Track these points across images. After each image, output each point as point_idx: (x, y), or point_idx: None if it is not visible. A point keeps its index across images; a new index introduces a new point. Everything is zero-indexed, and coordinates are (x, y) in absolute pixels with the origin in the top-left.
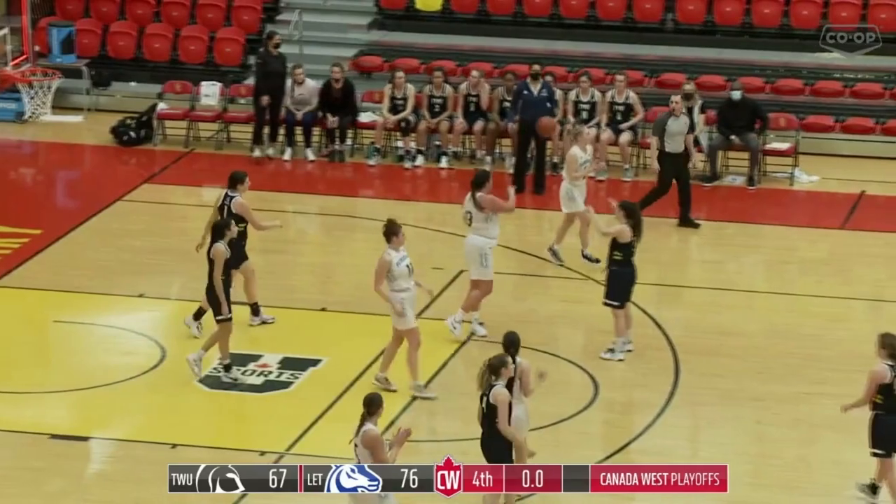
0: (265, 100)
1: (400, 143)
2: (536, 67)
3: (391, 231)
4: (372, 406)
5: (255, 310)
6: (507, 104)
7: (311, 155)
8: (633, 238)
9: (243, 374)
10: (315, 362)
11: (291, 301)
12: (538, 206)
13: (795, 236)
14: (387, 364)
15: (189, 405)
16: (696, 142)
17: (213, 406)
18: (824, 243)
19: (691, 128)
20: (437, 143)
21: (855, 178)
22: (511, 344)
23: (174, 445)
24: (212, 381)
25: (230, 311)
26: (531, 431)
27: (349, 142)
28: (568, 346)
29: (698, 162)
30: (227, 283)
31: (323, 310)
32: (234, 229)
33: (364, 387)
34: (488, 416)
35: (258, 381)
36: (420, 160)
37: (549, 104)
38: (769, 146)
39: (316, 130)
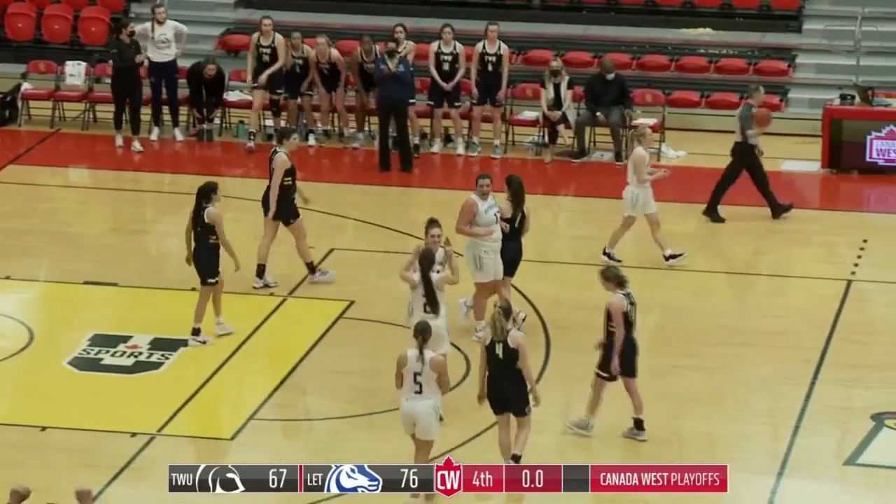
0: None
1: (270, 122)
2: (392, 44)
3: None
4: (426, 333)
5: (311, 268)
6: (370, 67)
7: (179, 135)
8: (515, 213)
9: (112, 355)
10: (186, 342)
11: (161, 281)
12: (404, 184)
13: (663, 211)
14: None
15: (58, 387)
16: (564, 118)
17: (83, 388)
18: (692, 218)
19: (558, 104)
20: (305, 121)
21: (721, 153)
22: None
23: (44, 428)
24: (82, 363)
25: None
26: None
27: (217, 121)
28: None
29: (567, 138)
30: (216, 248)
31: (193, 289)
32: (220, 193)
33: (234, 367)
34: (507, 360)
35: (128, 362)
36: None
37: (406, 79)
38: (636, 122)
39: (183, 110)
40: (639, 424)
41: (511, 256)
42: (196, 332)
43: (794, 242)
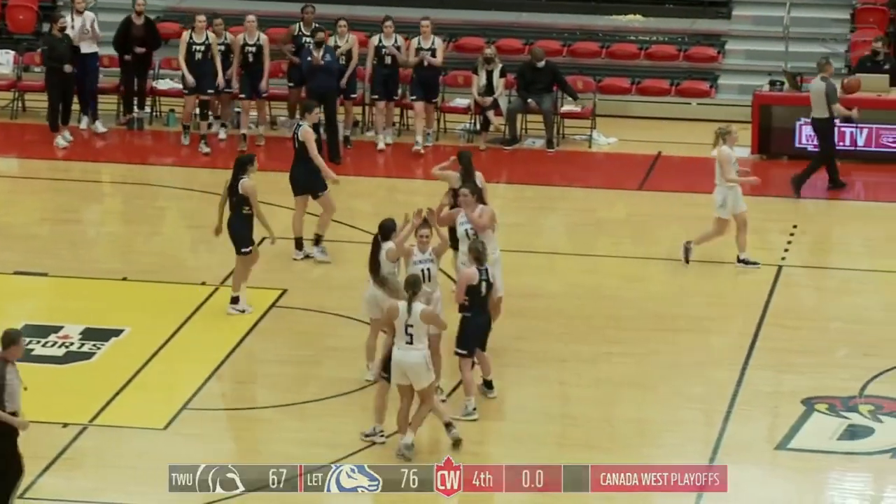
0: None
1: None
2: (321, 35)
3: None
4: (416, 286)
5: (318, 239)
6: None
7: (100, 127)
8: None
9: (44, 345)
10: (117, 332)
11: (92, 271)
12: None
13: (594, 198)
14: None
15: None
16: (495, 104)
17: None
18: (622, 204)
19: (490, 91)
20: (238, 109)
21: (651, 140)
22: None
23: None
24: None
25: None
26: (332, 399)
27: (147, 109)
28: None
29: (500, 126)
30: (249, 217)
31: (124, 279)
32: (256, 164)
33: (166, 357)
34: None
35: (60, 352)
36: (223, 133)
37: (334, 70)
38: (566, 109)
39: (112, 98)
40: (488, 384)
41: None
42: (235, 300)
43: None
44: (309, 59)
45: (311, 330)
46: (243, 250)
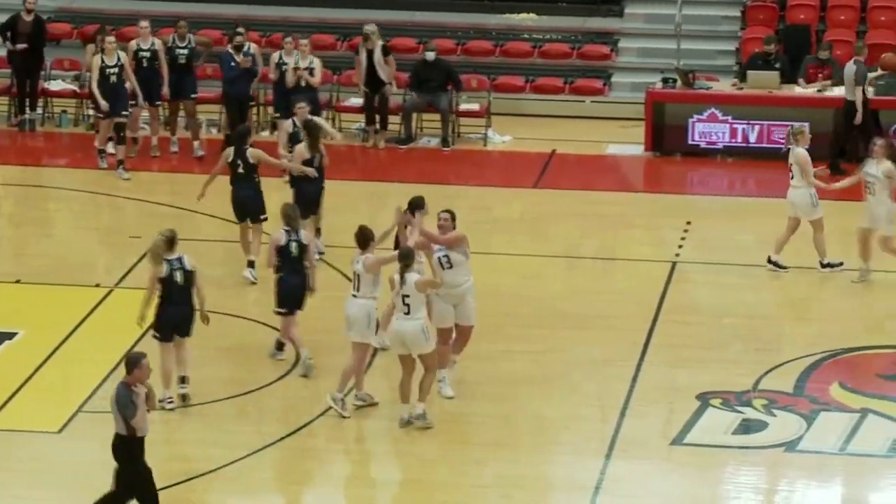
0: None
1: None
2: (239, 39)
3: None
4: (407, 259)
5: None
6: (181, 53)
7: None
8: (312, 154)
9: None
10: (10, 335)
11: None
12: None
13: (490, 196)
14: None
15: None
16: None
17: None
18: (518, 202)
19: (372, 69)
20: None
21: (546, 138)
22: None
23: None
24: None
25: None
26: (231, 399)
27: (39, 110)
28: (264, 311)
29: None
30: (260, 185)
31: (17, 282)
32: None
33: (61, 359)
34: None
35: None
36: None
37: (254, 75)
38: (462, 107)
39: (3, 100)
40: (279, 346)
41: (315, 195)
42: (251, 264)
43: (619, 225)
44: (233, 63)
45: (204, 330)
46: (261, 217)
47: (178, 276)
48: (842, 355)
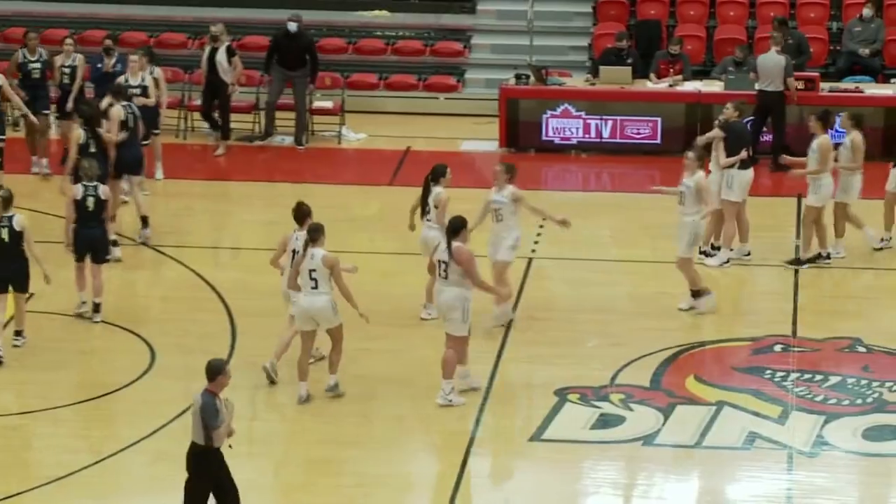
0: None
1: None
2: (108, 42)
3: None
4: (315, 234)
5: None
6: (34, 68)
7: None
8: (88, 139)
9: None
10: None
11: None
12: None
13: (346, 194)
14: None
15: None
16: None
17: None
18: (375, 200)
19: (213, 69)
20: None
21: (400, 135)
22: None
23: None
24: None
25: None
26: (84, 402)
27: None
28: (124, 314)
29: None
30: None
31: None
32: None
33: None
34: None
35: None
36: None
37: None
38: (315, 105)
39: None
40: (96, 308)
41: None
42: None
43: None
44: (100, 65)
45: (58, 333)
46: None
47: (4, 234)
48: (697, 349)
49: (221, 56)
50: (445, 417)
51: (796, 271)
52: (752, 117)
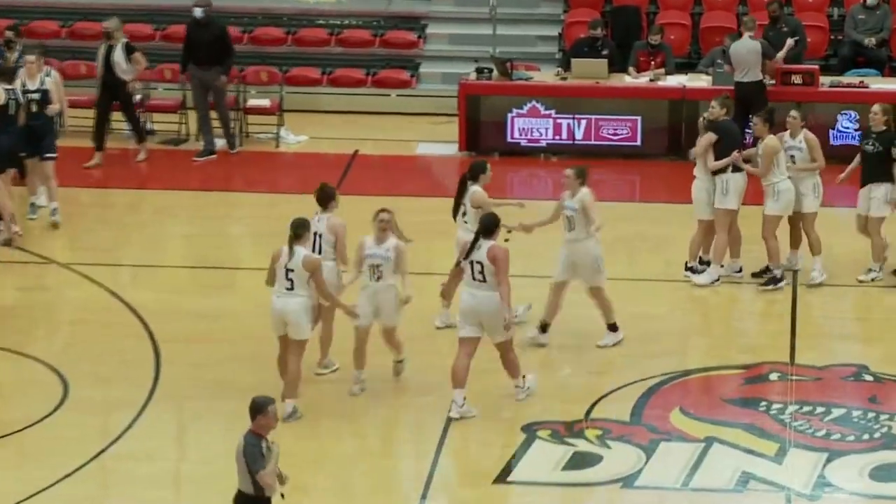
0: None
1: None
2: (10, 34)
3: None
4: (299, 229)
5: None
6: None
7: None
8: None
9: None
10: None
11: None
12: None
13: (285, 204)
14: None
15: None
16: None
17: None
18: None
19: (108, 68)
20: None
21: (347, 137)
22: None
23: None
24: None
25: None
26: None
27: None
28: (30, 341)
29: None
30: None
31: None
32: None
33: None
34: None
35: None
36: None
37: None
38: (250, 103)
39: None
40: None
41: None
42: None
43: (432, 234)
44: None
45: None
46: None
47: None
48: (684, 378)
49: (119, 55)
50: (400, 457)
51: (794, 290)
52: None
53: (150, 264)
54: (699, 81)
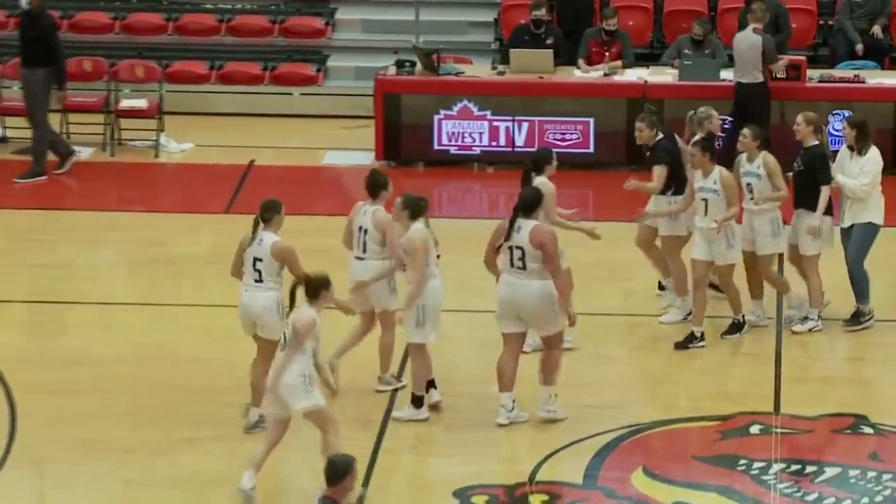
0: None
1: None
2: None
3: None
4: (268, 213)
5: None
6: None
7: None
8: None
9: None
10: None
11: None
12: None
13: (164, 225)
14: None
15: None
16: None
17: None
18: (205, 233)
19: None
20: None
21: (241, 144)
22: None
23: None
24: None
25: None
26: None
27: None
28: None
29: None
30: None
31: None
32: None
33: None
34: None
35: None
36: None
37: None
38: (123, 104)
39: None
40: None
41: None
42: None
43: (341, 261)
44: None
45: None
46: None
47: None
48: (648, 431)
49: None
50: None
51: (778, 327)
52: (728, 117)
53: (2, 299)
54: (663, 76)
